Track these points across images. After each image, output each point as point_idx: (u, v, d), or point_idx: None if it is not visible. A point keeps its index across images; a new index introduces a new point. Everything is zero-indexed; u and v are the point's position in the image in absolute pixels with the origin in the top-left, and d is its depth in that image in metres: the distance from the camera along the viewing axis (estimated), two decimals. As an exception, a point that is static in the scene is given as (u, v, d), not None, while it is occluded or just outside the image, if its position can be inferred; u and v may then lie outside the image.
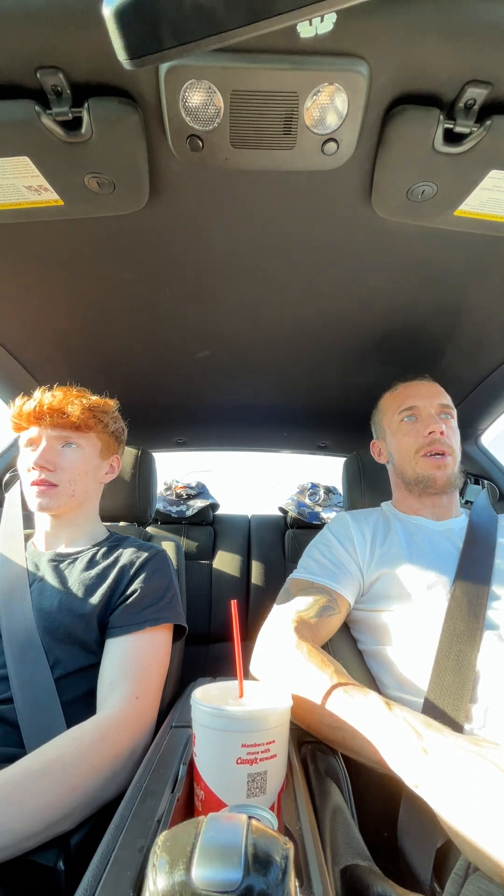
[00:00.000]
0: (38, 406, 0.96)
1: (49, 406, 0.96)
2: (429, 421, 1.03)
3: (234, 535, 1.97)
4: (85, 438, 1.00)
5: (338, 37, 0.54)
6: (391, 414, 1.11)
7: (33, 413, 0.96)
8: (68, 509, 0.99)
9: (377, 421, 1.18)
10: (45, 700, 0.77)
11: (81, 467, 0.99)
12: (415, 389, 1.09)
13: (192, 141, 0.64)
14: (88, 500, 1.04)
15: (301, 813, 0.48)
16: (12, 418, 1.00)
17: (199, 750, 0.46)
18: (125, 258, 0.90)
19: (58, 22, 0.52)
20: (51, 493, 0.94)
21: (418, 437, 1.03)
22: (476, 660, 0.74)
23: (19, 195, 0.71)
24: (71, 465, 0.97)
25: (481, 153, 0.64)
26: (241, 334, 1.17)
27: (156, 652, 0.85)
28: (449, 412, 1.06)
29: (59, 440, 0.98)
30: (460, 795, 0.48)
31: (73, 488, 0.97)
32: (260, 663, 0.79)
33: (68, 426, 0.97)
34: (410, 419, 1.06)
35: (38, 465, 0.94)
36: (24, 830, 0.56)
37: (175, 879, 0.26)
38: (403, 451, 1.05)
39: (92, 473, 1.02)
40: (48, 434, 0.97)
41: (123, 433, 1.13)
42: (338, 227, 0.82)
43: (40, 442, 0.96)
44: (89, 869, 0.39)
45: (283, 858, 0.27)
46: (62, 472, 0.96)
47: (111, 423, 1.06)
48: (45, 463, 0.94)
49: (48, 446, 0.96)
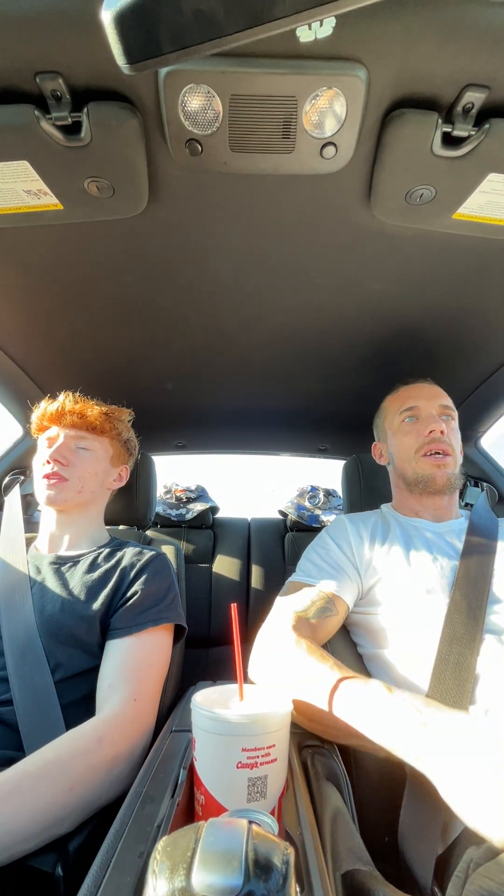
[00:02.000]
0: (61, 406, 1.06)
1: (70, 408, 1.05)
2: (429, 421, 1.03)
3: (234, 538, 1.97)
4: (99, 441, 1.08)
5: (337, 41, 0.54)
6: (392, 415, 1.11)
7: (55, 413, 1.06)
8: (74, 506, 1.02)
9: (379, 423, 1.19)
10: (45, 702, 0.76)
11: (92, 468, 1.04)
12: (416, 391, 1.10)
13: (192, 145, 0.64)
14: (95, 502, 1.07)
15: (302, 817, 0.48)
16: (35, 419, 1.09)
17: (199, 754, 0.46)
18: (124, 262, 0.90)
19: (57, 27, 0.52)
20: (60, 486, 0.99)
21: (419, 437, 1.03)
22: (476, 662, 0.74)
23: (19, 199, 0.71)
24: (83, 464, 1.03)
25: (480, 156, 0.64)
26: (241, 337, 1.17)
27: (156, 653, 0.85)
28: (450, 413, 1.07)
29: (76, 439, 1.05)
30: (458, 764, 0.49)
31: (81, 485, 1.01)
32: (259, 662, 0.79)
33: (85, 426, 1.05)
34: (411, 420, 1.06)
35: (52, 458, 1.00)
36: (21, 832, 0.56)
37: (175, 885, 0.26)
38: (404, 451, 1.05)
39: (101, 476, 1.07)
40: (66, 433, 1.05)
41: (135, 448, 1.20)
42: (337, 230, 0.82)
43: (57, 439, 1.04)
44: (89, 874, 0.39)
45: (283, 863, 0.27)
46: (74, 468, 1.01)
47: (124, 432, 1.14)
48: (60, 457, 1.00)
49: (64, 443, 1.03)
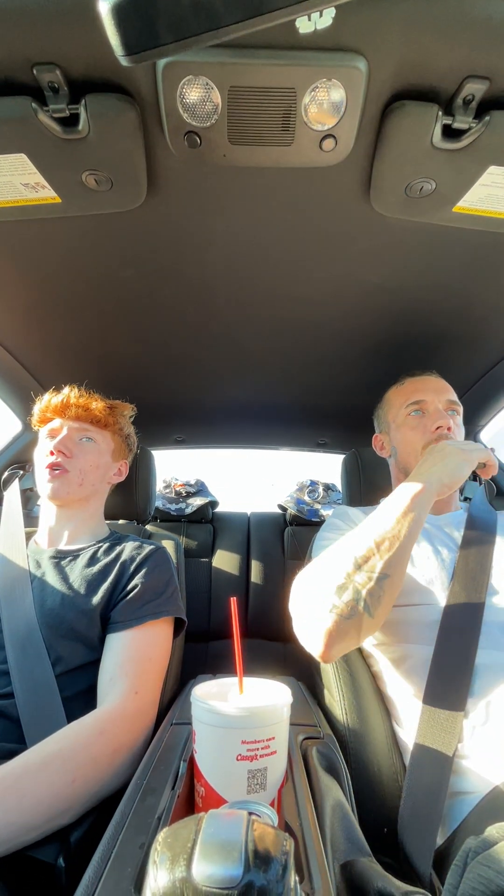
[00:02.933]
0: (65, 399, 1.06)
1: (75, 401, 1.06)
2: (436, 416, 1.01)
3: (234, 532, 1.97)
4: (101, 435, 1.08)
5: (336, 32, 0.54)
6: (397, 408, 1.09)
7: (60, 405, 1.06)
8: (75, 500, 1.02)
9: (381, 415, 1.16)
10: (46, 696, 0.77)
11: (94, 461, 1.05)
12: (423, 384, 1.08)
13: (190, 137, 0.63)
14: (95, 496, 1.08)
15: (301, 809, 0.48)
16: (39, 411, 1.09)
17: (199, 747, 0.46)
18: (122, 255, 0.90)
19: (54, 18, 0.51)
20: (62, 478, 0.99)
21: (425, 433, 1.01)
22: (475, 654, 0.74)
23: (16, 193, 0.71)
24: (85, 456, 1.03)
25: (480, 149, 0.64)
26: (240, 331, 1.16)
27: (156, 646, 0.85)
28: (456, 409, 1.05)
29: (79, 432, 1.05)
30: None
31: (82, 478, 1.02)
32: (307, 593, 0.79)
33: (89, 419, 1.06)
34: (417, 413, 1.04)
35: (56, 448, 1.00)
36: (23, 823, 0.56)
37: (176, 876, 0.26)
38: (409, 446, 1.04)
39: (102, 470, 1.07)
40: (69, 425, 1.05)
41: (135, 444, 1.21)
42: (336, 223, 0.82)
43: (61, 431, 1.04)
44: (90, 865, 0.39)
45: (283, 854, 0.27)
46: (76, 460, 1.02)
47: (126, 427, 1.16)
48: (63, 448, 1.01)
49: (67, 435, 1.03)
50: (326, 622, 0.70)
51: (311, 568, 0.83)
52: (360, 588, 0.71)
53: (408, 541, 0.74)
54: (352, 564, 0.73)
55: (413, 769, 0.70)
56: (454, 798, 0.66)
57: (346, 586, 0.72)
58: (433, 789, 0.66)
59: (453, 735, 0.68)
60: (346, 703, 0.83)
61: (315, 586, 0.77)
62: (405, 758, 0.77)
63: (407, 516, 0.76)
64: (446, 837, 0.64)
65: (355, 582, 0.71)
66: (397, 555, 0.73)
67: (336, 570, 0.75)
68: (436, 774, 0.67)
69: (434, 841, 0.63)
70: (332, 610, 0.71)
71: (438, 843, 0.64)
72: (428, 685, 0.74)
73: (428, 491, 0.79)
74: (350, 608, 0.70)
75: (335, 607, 0.71)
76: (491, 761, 0.65)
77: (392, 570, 0.72)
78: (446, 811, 0.65)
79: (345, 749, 0.77)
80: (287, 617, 0.82)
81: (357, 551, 0.74)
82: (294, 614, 0.80)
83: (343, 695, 0.84)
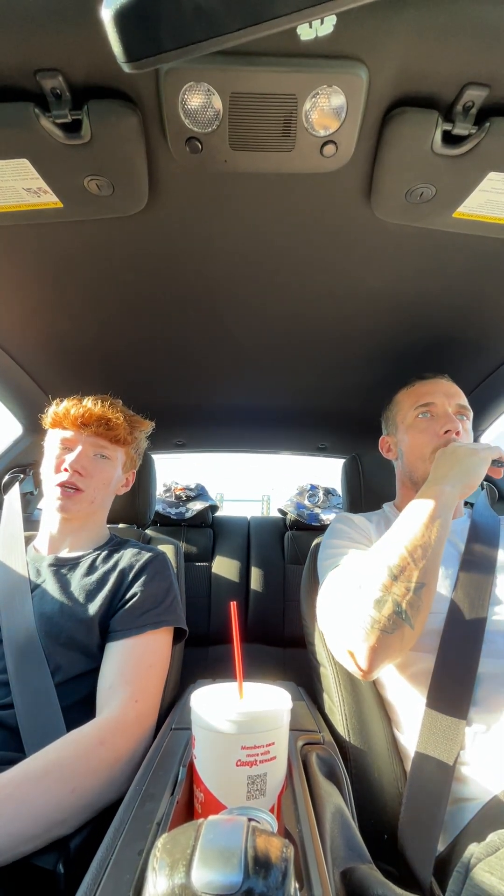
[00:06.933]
0: (87, 413, 1.00)
1: (97, 416, 1.00)
2: (446, 420, 0.99)
3: (234, 536, 1.97)
4: (116, 451, 1.05)
5: (337, 39, 0.54)
6: (406, 410, 1.07)
7: (80, 418, 0.99)
8: (83, 516, 1.01)
9: (390, 416, 1.14)
10: (46, 705, 0.76)
11: (108, 478, 1.03)
12: (433, 387, 1.06)
13: (192, 143, 0.64)
14: (102, 508, 1.06)
15: (301, 815, 0.48)
16: (54, 415, 1.03)
17: (198, 752, 0.46)
18: (123, 260, 0.90)
19: (57, 24, 0.52)
20: (76, 498, 0.97)
21: (433, 436, 0.99)
22: (478, 662, 0.74)
23: (18, 197, 0.71)
24: (100, 475, 1.01)
25: (480, 155, 0.64)
26: (241, 336, 1.17)
27: (156, 655, 0.85)
28: (465, 413, 1.03)
29: (95, 447, 1.01)
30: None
31: (94, 495, 1.00)
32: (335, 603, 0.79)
33: (109, 437, 1.02)
34: (426, 416, 1.02)
35: (72, 468, 0.96)
36: (22, 833, 0.56)
37: (175, 882, 0.26)
38: (417, 449, 1.02)
39: (113, 484, 1.06)
40: (87, 441, 1.00)
41: (142, 455, 1.19)
42: (337, 229, 0.82)
43: (76, 446, 1.00)
44: (89, 872, 0.39)
45: (283, 861, 0.27)
46: (91, 479, 0.99)
47: (142, 443, 1.14)
48: (80, 468, 0.97)
49: (84, 452, 0.99)
50: (369, 639, 0.69)
51: (337, 580, 0.82)
52: (399, 600, 0.70)
53: (438, 547, 0.74)
54: (387, 575, 0.72)
55: (414, 776, 0.69)
56: (455, 805, 0.66)
57: (384, 599, 0.71)
58: (434, 796, 0.66)
59: (455, 742, 0.68)
60: (347, 709, 0.83)
61: (349, 601, 0.76)
62: (406, 764, 0.77)
63: (434, 522, 0.76)
64: (447, 844, 0.64)
65: (394, 594, 0.71)
66: (431, 562, 0.72)
67: (371, 583, 0.74)
68: (437, 781, 0.66)
69: (435, 848, 0.63)
70: (374, 626, 0.69)
71: (439, 850, 0.63)
72: (430, 692, 0.74)
73: (451, 494, 0.79)
74: (392, 622, 0.69)
75: (376, 622, 0.70)
76: (492, 768, 0.65)
77: (427, 578, 0.72)
78: (447, 818, 0.65)
79: (345, 755, 0.77)
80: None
81: (390, 561, 0.74)
82: (328, 632, 0.79)
83: (343, 700, 0.84)
